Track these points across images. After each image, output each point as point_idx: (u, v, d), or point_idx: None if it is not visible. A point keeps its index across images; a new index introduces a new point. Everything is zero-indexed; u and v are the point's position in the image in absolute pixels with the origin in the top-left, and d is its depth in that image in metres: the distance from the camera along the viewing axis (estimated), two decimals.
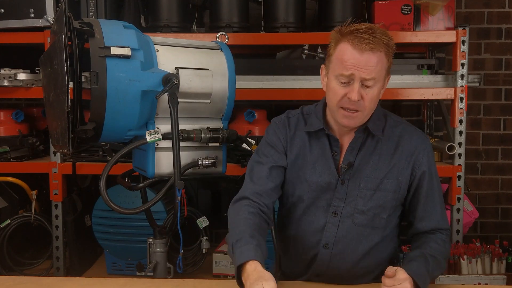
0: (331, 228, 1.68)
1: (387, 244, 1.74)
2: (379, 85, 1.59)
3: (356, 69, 1.54)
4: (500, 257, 2.38)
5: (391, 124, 1.72)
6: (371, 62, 1.54)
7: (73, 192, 2.76)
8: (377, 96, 1.61)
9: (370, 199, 1.66)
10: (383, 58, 1.57)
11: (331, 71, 1.62)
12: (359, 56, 1.54)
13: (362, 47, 1.53)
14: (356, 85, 1.55)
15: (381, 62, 1.56)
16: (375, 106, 1.64)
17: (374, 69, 1.55)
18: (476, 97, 3.33)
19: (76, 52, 1.82)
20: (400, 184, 1.68)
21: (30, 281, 1.75)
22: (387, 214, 1.69)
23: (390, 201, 1.67)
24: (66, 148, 1.77)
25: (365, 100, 1.57)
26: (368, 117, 1.66)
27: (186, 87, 1.91)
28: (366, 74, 1.54)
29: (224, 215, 2.99)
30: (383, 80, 1.62)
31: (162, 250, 2.07)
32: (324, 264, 1.70)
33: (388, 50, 1.58)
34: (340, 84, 1.58)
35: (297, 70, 2.69)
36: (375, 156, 1.68)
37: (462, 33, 2.59)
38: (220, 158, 2.05)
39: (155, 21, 2.73)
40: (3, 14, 2.63)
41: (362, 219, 1.67)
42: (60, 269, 2.70)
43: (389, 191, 1.66)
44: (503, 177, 3.39)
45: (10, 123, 2.78)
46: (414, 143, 1.70)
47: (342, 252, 1.69)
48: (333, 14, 2.70)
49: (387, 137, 1.69)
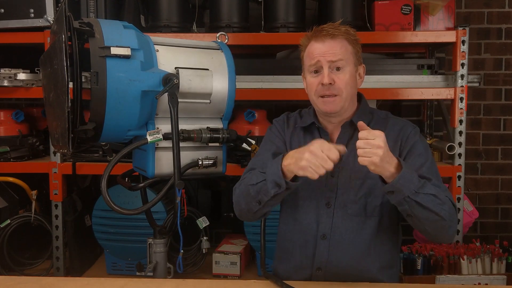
0: (326, 219, 1.74)
1: (387, 237, 1.76)
2: (349, 69, 1.71)
3: (322, 56, 1.69)
4: (500, 257, 2.38)
5: (378, 119, 1.81)
6: (335, 47, 1.69)
7: (73, 192, 2.76)
8: (350, 79, 1.71)
9: (360, 188, 1.72)
10: (346, 44, 1.71)
11: (305, 70, 1.79)
12: (321, 45, 1.70)
13: (322, 38, 1.70)
14: (326, 70, 1.69)
15: (344, 47, 1.70)
16: (352, 90, 1.74)
17: (339, 52, 1.69)
18: (476, 97, 3.33)
19: (76, 52, 1.82)
20: None
21: (30, 281, 1.75)
22: (379, 201, 1.72)
23: (379, 187, 1.63)
24: (66, 148, 1.77)
25: (338, 83, 1.69)
26: (350, 104, 1.75)
27: (186, 87, 1.91)
28: (332, 57, 1.68)
29: (224, 215, 3.01)
30: (353, 64, 1.73)
31: (162, 250, 2.07)
32: (324, 256, 1.74)
33: (349, 37, 1.72)
34: (313, 75, 1.73)
35: (297, 70, 2.66)
36: None
37: (462, 33, 2.59)
38: (220, 158, 2.05)
39: (155, 21, 2.73)
40: (3, 14, 2.63)
41: (355, 208, 1.73)
42: (60, 269, 2.70)
43: (377, 178, 1.59)
44: (503, 177, 3.39)
45: (10, 123, 2.78)
46: (399, 127, 1.78)
47: (340, 243, 1.73)
48: (333, 14, 2.70)
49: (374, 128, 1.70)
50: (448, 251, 2.37)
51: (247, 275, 2.73)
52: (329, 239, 1.73)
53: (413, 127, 1.79)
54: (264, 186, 1.62)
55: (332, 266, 1.73)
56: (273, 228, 2.39)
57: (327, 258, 1.74)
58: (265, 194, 1.63)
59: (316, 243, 1.75)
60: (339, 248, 1.73)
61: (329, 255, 1.73)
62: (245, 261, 2.79)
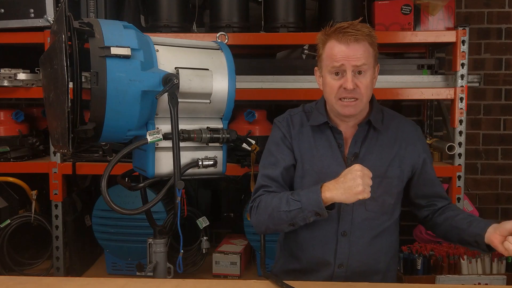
0: (346, 216, 1.77)
1: (391, 231, 1.85)
2: (370, 72, 1.73)
3: (346, 60, 1.68)
4: (500, 257, 2.38)
5: (388, 117, 1.87)
6: (359, 51, 1.69)
7: (73, 192, 2.76)
8: (371, 83, 1.74)
9: (379, 186, 1.76)
10: (368, 47, 1.72)
11: (324, 69, 1.76)
12: (346, 48, 1.68)
13: (347, 40, 1.68)
14: (349, 75, 1.69)
15: (367, 50, 1.71)
16: (371, 93, 1.77)
17: (363, 56, 1.69)
18: (476, 97, 3.33)
19: (76, 52, 1.82)
20: (403, 171, 1.81)
21: (30, 281, 1.75)
22: (393, 200, 1.81)
23: (395, 187, 1.80)
24: (66, 148, 1.77)
25: (361, 88, 1.70)
26: (367, 105, 1.79)
27: (186, 87, 1.91)
28: (356, 61, 1.68)
29: (224, 215, 3.01)
30: (373, 68, 1.76)
31: (162, 250, 2.07)
32: (345, 252, 1.78)
33: (372, 40, 1.73)
34: (334, 77, 1.72)
35: (297, 70, 2.69)
36: (378, 146, 1.80)
37: (462, 33, 2.59)
38: (220, 158, 2.05)
39: (155, 21, 2.73)
40: (3, 14, 2.63)
41: (374, 205, 1.78)
42: (60, 269, 2.70)
43: (393, 177, 1.79)
44: (503, 177, 3.39)
45: (10, 123, 2.78)
46: (410, 134, 1.86)
47: (359, 239, 1.78)
48: (333, 14, 2.70)
49: (386, 129, 1.83)
50: (448, 251, 2.37)
51: (247, 275, 2.73)
52: (349, 236, 1.78)
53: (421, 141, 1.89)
54: (301, 213, 1.66)
55: (353, 262, 1.78)
56: None
57: (348, 255, 1.78)
58: (302, 220, 1.68)
59: (337, 240, 1.78)
60: (359, 244, 1.78)
61: (350, 252, 1.78)
62: (245, 261, 2.79)
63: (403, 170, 1.81)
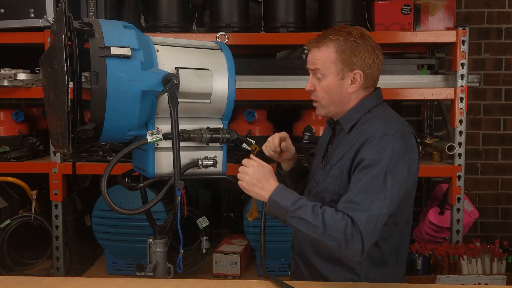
0: None
1: None
2: (330, 77, 1.73)
3: (308, 63, 1.79)
4: (500, 257, 2.38)
5: (366, 120, 1.73)
6: (316, 56, 1.76)
7: (73, 192, 2.76)
8: (331, 87, 1.74)
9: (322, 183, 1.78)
10: (330, 53, 1.72)
11: None
12: (310, 53, 1.80)
13: (311, 44, 1.78)
14: (310, 77, 1.79)
15: (328, 56, 1.73)
16: (331, 97, 1.76)
17: (319, 61, 1.74)
18: (476, 97, 3.33)
19: (76, 52, 1.82)
20: (342, 171, 1.71)
21: (30, 281, 1.75)
22: (329, 198, 1.73)
23: (332, 186, 1.74)
24: (66, 148, 1.77)
25: (318, 91, 1.77)
26: (333, 107, 1.79)
27: (186, 87, 1.91)
28: (311, 65, 1.77)
29: (224, 215, 3.01)
30: (335, 73, 1.73)
31: (162, 250, 2.07)
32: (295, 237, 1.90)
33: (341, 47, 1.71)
34: None
35: (297, 70, 2.69)
36: (341, 146, 1.78)
37: (462, 33, 2.59)
38: (220, 158, 2.05)
39: (155, 21, 2.73)
40: (3, 14, 2.63)
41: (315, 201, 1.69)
42: (60, 269, 2.70)
43: (333, 177, 1.74)
44: (503, 177, 3.39)
45: (10, 123, 2.78)
46: (367, 137, 1.66)
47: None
48: (333, 14, 2.70)
49: (353, 131, 1.75)
50: (448, 251, 2.37)
51: (247, 275, 2.73)
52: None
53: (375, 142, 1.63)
54: None
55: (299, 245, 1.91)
56: (273, 228, 2.40)
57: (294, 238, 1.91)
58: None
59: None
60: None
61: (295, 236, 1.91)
62: (245, 261, 2.79)
63: (343, 170, 1.70)
